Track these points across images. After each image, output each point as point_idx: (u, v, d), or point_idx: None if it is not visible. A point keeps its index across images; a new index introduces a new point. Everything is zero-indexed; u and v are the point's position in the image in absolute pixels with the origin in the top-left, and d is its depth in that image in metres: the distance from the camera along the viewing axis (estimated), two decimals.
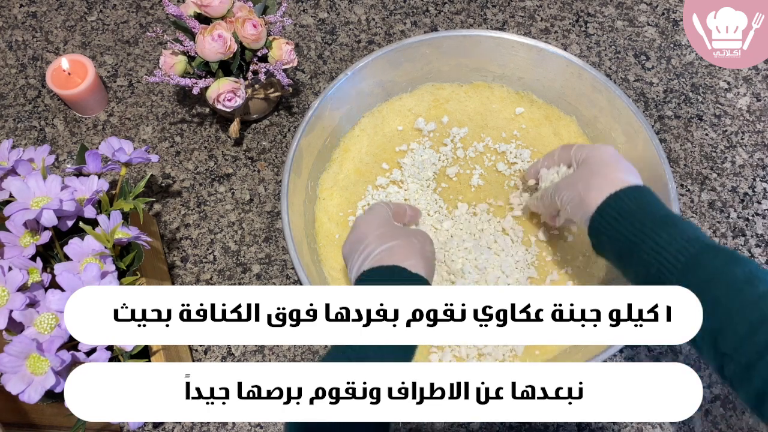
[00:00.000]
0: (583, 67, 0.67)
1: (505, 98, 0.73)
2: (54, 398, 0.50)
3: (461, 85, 0.74)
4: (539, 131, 0.72)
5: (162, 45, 0.82)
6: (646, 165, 0.64)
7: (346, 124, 0.71)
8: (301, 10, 0.85)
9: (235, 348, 0.66)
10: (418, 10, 0.85)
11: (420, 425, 0.62)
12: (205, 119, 0.78)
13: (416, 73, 0.72)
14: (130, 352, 0.54)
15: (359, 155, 0.70)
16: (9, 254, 0.52)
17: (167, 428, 0.62)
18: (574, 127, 0.72)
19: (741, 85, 0.81)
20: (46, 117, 0.78)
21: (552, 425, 0.62)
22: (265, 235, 0.71)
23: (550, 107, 0.73)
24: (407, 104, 0.73)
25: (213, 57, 0.64)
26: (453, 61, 0.72)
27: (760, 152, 0.76)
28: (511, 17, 0.85)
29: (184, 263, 0.69)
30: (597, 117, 0.69)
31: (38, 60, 0.81)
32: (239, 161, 0.75)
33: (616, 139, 0.68)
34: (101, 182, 0.57)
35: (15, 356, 0.47)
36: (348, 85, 0.68)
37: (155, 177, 0.74)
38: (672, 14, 0.85)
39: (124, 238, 0.55)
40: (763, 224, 0.72)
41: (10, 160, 0.57)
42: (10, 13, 0.85)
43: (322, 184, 0.69)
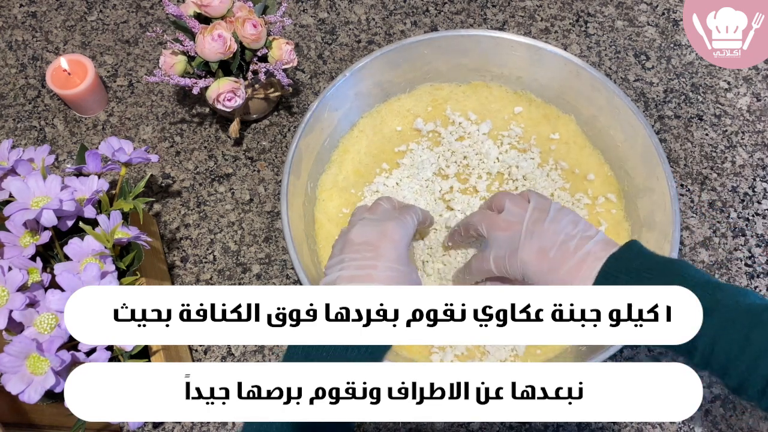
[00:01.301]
0: (582, 66, 0.67)
1: (504, 98, 0.73)
2: (54, 398, 0.50)
3: (459, 85, 0.74)
4: (538, 130, 0.72)
5: (162, 45, 0.82)
6: (645, 163, 0.64)
7: (344, 125, 0.71)
8: (301, 10, 0.85)
9: (235, 348, 0.66)
10: (418, 10, 0.85)
11: (420, 425, 0.62)
12: (205, 119, 0.77)
13: (415, 73, 0.72)
14: (130, 352, 0.54)
15: (358, 156, 0.70)
16: (9, 254, 0.52)
17: (167, 428, 0.62)
18: (572, 126, 0.72)
19: (741, 85, 0.81)
20: (46, 117, 0.78)
21: (552, 425, 0.62)
22: (265, 235, 0.71)
23: (549, 106, 0.73)
24: (406, 105, 0.73)
25: (213, 57, 0.64)
26: (452, 61, 0.72)
27: (760, 152, 0.76)
28: (511, 17, 0.85)
29: (184, 263, 0.69)
30: (596, 116, 0.69)
31: (38, 60, 0.81)
32: (239, 161, 0.75)
33: (615, 138, 0.68)
34: (101, 182, 0.57)
35: (15, 356, 0.47)
36: (346, 86, 0.68)
37: (155, 177, 0.74)
38: (672, 14, 0.85)
39: (124, 238, 0.55)
40: (763, 224, 0.72)
41: (10, 160, 0.57)
42: (10, 13, 0.85)
43: (322, 185, 0.69)
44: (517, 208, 0.53)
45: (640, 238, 0.63)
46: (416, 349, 0.61)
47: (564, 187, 0.69)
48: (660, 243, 0.60)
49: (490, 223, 0.54)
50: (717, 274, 0.70)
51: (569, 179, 0.69)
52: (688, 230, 0.72)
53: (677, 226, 0.60)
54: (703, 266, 0.70)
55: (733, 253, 0.71)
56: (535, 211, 0.52)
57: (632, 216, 0.66)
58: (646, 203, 0.64)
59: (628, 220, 0.67)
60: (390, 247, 0.49)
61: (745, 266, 0.70)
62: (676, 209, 0.60)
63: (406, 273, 0.50)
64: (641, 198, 0.65)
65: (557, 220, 0.51)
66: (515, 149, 0.71)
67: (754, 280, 0.69)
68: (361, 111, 0.72)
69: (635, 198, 0.66)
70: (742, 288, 0.45)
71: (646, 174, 0.65)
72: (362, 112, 0.72)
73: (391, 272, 0.48)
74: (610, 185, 0.69)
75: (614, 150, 0.69)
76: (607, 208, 0.68)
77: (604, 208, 0.68)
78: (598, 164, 0.70)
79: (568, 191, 0.68)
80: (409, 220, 0.53)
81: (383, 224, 0.51)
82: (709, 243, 0.71)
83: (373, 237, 0.50)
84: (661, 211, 0.62)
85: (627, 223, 0.67)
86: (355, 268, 0.49)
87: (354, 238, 0.50)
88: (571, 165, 0.70)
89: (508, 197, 0.55)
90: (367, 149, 0.71)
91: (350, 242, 0.50)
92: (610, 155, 0.69)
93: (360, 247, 0.50)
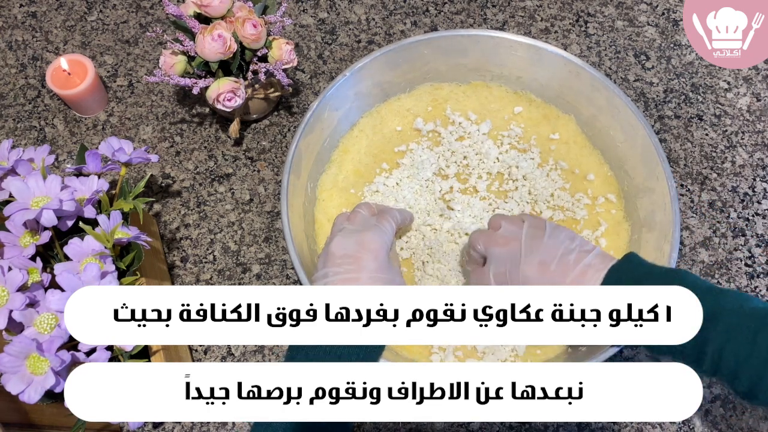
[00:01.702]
0: (582, 66, 0.67)
1: (504, 98, 0.73)
2: (54, 398, 0.50)
3: (459, 85, 0.74)
4: (538, 130, 0.72)
5: (162, 45, 0.82)
6: (645, 163, 0.64)
7: (344, 124, 0.71)
8: (301, 10, 0.85)
9: (235, 348, 0.66)
10: (418, 10, 0.85)
11: (420, 425, 0.62)
12: (205, 119, 0.78)
13: (415, 73, 0.72)
14: (130, 352, 0.54)
15: (358, 156, 0.70)
16: (9, 254, 0.52)
17: (167, 428, 0.62)
18: (572, 125, 0.72)
19: (741, 85, 0.81)
20: (46, 117, 0.78)
21: (552, 425, 0.62)
22: (265, 235, 0.71)
23: (549, 106, 0.73)
24: (406, 104, 0.73)
25: (213, 57, 0.64)
26: (452, 61, 0.72)
27: (760, 152, 0.76)
28: (511, 17, 0.85)
29: (184, 263, 0.69)
30: (596, 116, 0.69)
31: (38, 60, 0.81)
32: (239, 161, 0.75)
33: (614, 138, 0.68)
34: (101, 182, 0.57)
35: (15, 356, 0.47)
36: (346, 85, 0.68)
37: (155, 177, 0.74)
38: (672, 14, 0.85)
39: (124, 238, 0.55)
40: (763, 224, 0.72)
41: (10, 160, 0.57)
42: (10, 13, 0.85)
43: (322, 185, 0.69)
44: (513, 226, 0.55)
45: (640, 239, 0.63)
46: (416, 349, 0.61)
47: (564, 187, 0.69)
48: (660, 243, 0.61)
49: (487, 240, 0.55)
50: (717, 274, 0.70)
51: (569, 179, 0.69)
52: (688, 230, 0.72)
53: (677, 226, 0.60)
54: (703, 266, 0.70)
55: (733, 253, 0.71)
56: (531, 228, 0.54)
57: (632, 216, 0.66)
58: (645, 203, 0.64)
59: (628, 220, 0.67)
60: (370, 258, 0.51)
61: (745, 266, 0.70)
62: (676, 209, 0.60)
63: (389, 279, 0.51)
64: (641, 198, 0.65)
65: (554, 236, 0.52)
66: (515, 149, 0.71)
67: (754, 280, 0.69)
68: (361, 111, 0.72)
69: (635, 198, 0.66)
70: (744, 293, 0.45)
71: (646, 174, 0.64)
72: (362, 112, 0.72)
73: (373, 282, 0.50)
74: (610, 185, 0.69)
75: (614, 150, 0.69)
76: (607, 209, 0.68)
77: (604, 208, 0.68)
78: (598, 164, 0.70)
79: (568, 191, 0.68)
80: (387, 226, 0.55)
81: (361, 235, 0.52)
82: (709, 243, 0.71)
83: (353, 249, 0.51)
84: (661, 211, 0.62)
85: (627, 223, 0.67)
86: (340, 281, 0.50)
87: (335, 252, 0.51)
88: (571, 165, 0.70)
89: (504, 217, 0.56)
90: (367, 149, 0.71)
91: (332, 255, 0.51)
92: (609, 155, 0.69)
93: (341, 260, 0.51)
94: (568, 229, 0.54)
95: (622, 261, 0.49)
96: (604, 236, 0.66)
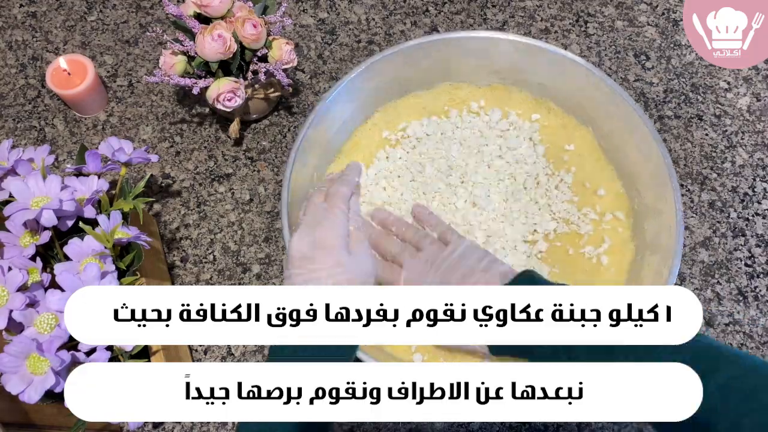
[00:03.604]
0: (602, 79, 0.65)
1: (523, 103, 0.72)
2: (54, 398, 0.50)
3: (479, 87, 0.72)
4: (553, 140, 0.70)
5: (162, 45, 0.82)
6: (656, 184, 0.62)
7: (358, 116, 0.70)
8: (301, 10, 0.85)
9: (235, 348, 0.66)
10: (418, 10, 0.85)
11: (420, 425, 0.62)
12: (204, 119, 0.78)
13: (434, 71, 0.71)
14: (130, 352, 0.54)
15: (368, 149, 0.69)
16: (9, 254, 0.52)
17: (167, 428, 0.62)
18: (589, 138, 0.69)
19: (741, 85, 0.81)
20: (45, 117, 0.78)
21: (552, 425, 0.62)
22: (265, 235, 0.71)
23: (568, 117, 0.70)
24: (422, 101, 0.72)
25: (213, 57, 0.64)
26: (473, 62, 0.70)
27: (760, 152, 0.76)
28: (511, 17, 0.85)
29: (184, 263, 0.69)
30: (613, 131, 0.67)
31: (38, 60, 0.81)
32: (239, 161, 0.75)
33: (629, 155, 0.65)
34: (101, 182, 0.57)
35: (15, 356, 0.47)
36: (360, 78, 0.67)
37: (155, 177, 0.74)
38: (672, 14, 0.85)
39: (123, 238, 0.55)
40: (763, 224, 0.72)
41: (10, 160, 0.57)
42: (10, 13, 0.85)
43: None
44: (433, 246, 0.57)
45: (643, 260, 0.61)
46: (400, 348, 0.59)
47: (572, 200, 0.66)
48: (660, 267, 0.58)
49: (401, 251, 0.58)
50: (717, 274, 0.70)
51: (578, 192, 0.67)
52: (688, 230, 0.72)
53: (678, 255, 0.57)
54: (703, 266, 0.70)
55: (733, 253, 0.71)
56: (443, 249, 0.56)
57: (638, 237, 0.63)
58: (653, 225, 0.62)
59: (633, 240, 0.64)
60: (324, 254, 0.51)
61: (745, 266, 0.70)
62: (680, 236, 0.58)
63: (351, 269, 0.52)
64: (650, 219, 0.63)
65: (466, 256, 0.55)
66: (525, 155, 0.69)
67: (754, 280, 0.69)
68: (375, 105, 0.71)
69: (644, 219, 0.63)
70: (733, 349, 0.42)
71: (657, 195, 0.62)
72: (377, 107, 0.71)
73: (336, 277, 0.50)
74: (620, 203, 0.66)
75: (628, 167, 0.66)
76: (614, 226, 0.65)
77: (610, 226, 0.65)
78: (610, 180, 0.67)
79: (575, 204, 0.66)
80: (338, 213, 0.55)
81: (314, 232, 0.53)
82: (709, 243, 0.71)
83: (307, 249, 0.51)
84: (666, 233, 0.59)
85: (632, 243, 0.64)
86: (302, 282, 0.50)
87: (293, 254, 0.52)
88: (582, 178, 0.67)
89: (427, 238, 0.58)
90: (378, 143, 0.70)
91: (291, 258, 0.52)
92: (623, 172, 0.67)
93: (300, 262, 0.51)
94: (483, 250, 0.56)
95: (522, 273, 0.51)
96: (607, 253, 0.63)
